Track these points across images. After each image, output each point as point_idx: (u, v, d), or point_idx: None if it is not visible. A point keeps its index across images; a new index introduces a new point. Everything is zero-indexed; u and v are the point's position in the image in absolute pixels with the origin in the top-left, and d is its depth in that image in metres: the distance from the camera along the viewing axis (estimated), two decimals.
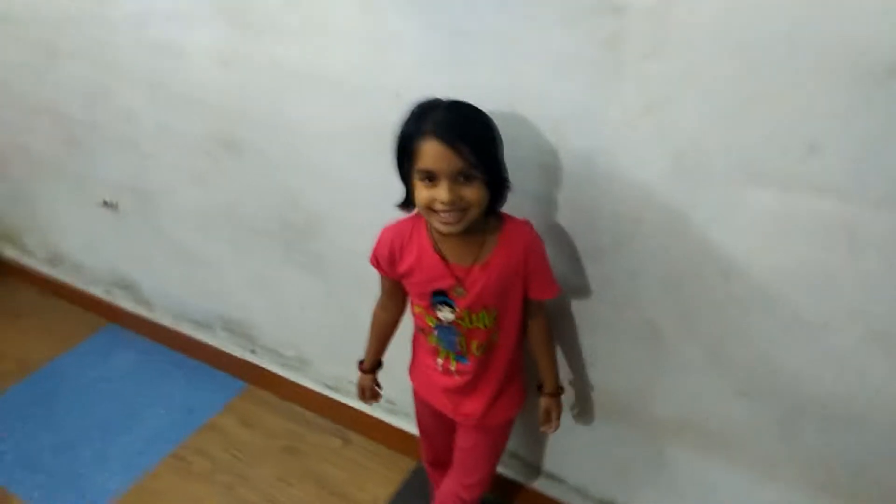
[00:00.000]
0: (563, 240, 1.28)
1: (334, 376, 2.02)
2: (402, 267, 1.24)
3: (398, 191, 1.16)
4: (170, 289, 2.26)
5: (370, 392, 1.53)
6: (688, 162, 1.08)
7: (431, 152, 1.03)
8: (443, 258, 1.19)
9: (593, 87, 1.10)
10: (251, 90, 1.53)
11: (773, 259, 1.09)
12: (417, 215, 1.22)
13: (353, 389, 1.61)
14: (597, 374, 1.44)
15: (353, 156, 1.47)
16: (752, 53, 0.95)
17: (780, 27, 0.91)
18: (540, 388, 1.39)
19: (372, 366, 1.50)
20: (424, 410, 1.49)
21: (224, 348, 2.25)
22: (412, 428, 1.69)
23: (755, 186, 1.04)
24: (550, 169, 1.21)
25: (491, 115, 1.09)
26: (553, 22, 1.07)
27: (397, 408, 1.90)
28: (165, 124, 1.79)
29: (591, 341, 1.40)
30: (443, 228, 1.10)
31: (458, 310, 1.21)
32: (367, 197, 1.50)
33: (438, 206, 1.06)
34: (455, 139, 1.02)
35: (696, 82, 1.01)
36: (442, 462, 1.57)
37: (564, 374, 1.46)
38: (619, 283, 1.27)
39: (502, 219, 1.20)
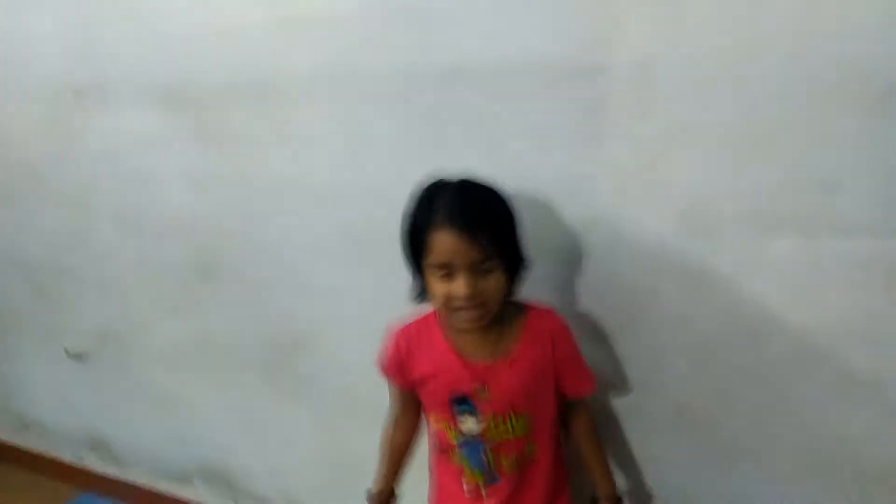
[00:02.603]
0: (573, 324, 1.17)
1: None
2: (416, 373, 1.09)
3: (389, 296, 1.09)
4: (144, 442, 2.06)
5: None
6: (695, 220, 1.01)
7: (446, 244, 0.92)
8: (460, 356, 1.05)
9: (582, 156, 1.05)
10: (225, 210, 1.47)
11: (806, 313, 0.99)
12: (427, 314, 1.10)
13: None
14: (652, 476, 1.25)
15: (338, 264, 1.38)
16: (745, 95, 0.91)
17: (770, 62, 0.88)
18: (594, 501, 1.16)
19: (384, 496, 1.24)
20: None
21: (204, 502, 2.01)
22: None
23: (772, 236, 0.96)
24: (547, 248, 1.13)
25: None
26: (532, 92, 1.04)
27: None
28: (139, 258, 1.70)
29: (636, 437, 1.24)
30: (464, 326, 1.00)
31: (483, 417, 1.05)
32: (355, 306, 1.40)
33: (457, 303, 0.96)
34: (471, 228, 0.91)
35: (690, 135, 0.97)
36: None
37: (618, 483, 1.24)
38: (641, 362, 1.15)
39: (522, 307, 1.08)
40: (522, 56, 1.03)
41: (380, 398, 1.48)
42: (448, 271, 0.95)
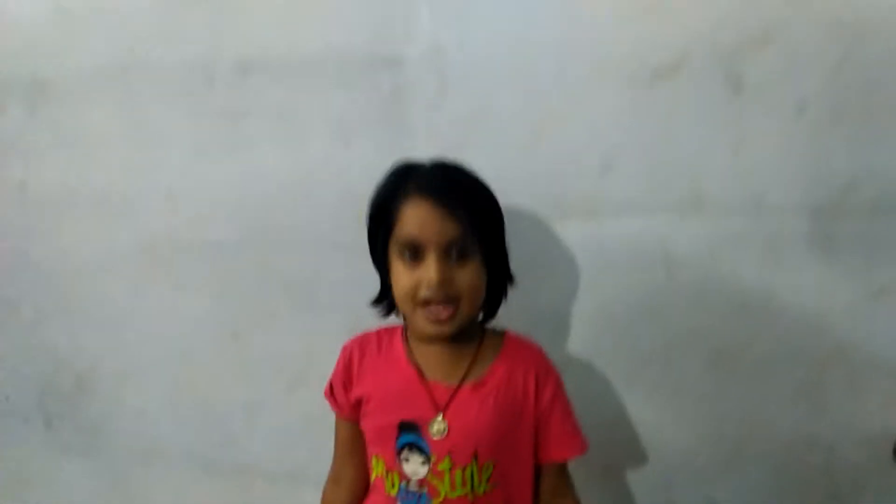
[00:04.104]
0: None
1: None
2: (360, 389, 0.88)
3: (193, 319, 0.96)
4: None
5: None
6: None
7: (416, 215, 0.77)
8: (420, 374, 0.85)
9: (385, 148, 1.03)
10: None
11: (598, 297, 1.03)
12: (393, 326, 0.92)
13: None
14: None
15: (126, 285, 1.24)
16: (528, 84, 0.96)
17: (547, 50, 0.94)
18: None
19: None
20: None
21: None
22: None
23: (564, 220, 1.00)
24: (346, 243, 1.09)
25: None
26: (332, 84, 1.03)
27: None
28: None
29: None
30: (430, 329, 0.80)
31: (434, 458, 0.81)
32: (147, 334, 1.26)
33: (424, 293, 0.78)
34: (448, 197, 0.77)
35: (483, 124, 1.00)
36: None
37: None
38: None
39: (502, 333, 0.91)
40: (320, 48, 1.03)
41: (178, 443, 1.33)
42: (416, 253, 0.79)
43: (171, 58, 1.09)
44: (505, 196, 1.01)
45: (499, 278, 0.87)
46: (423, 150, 1.01)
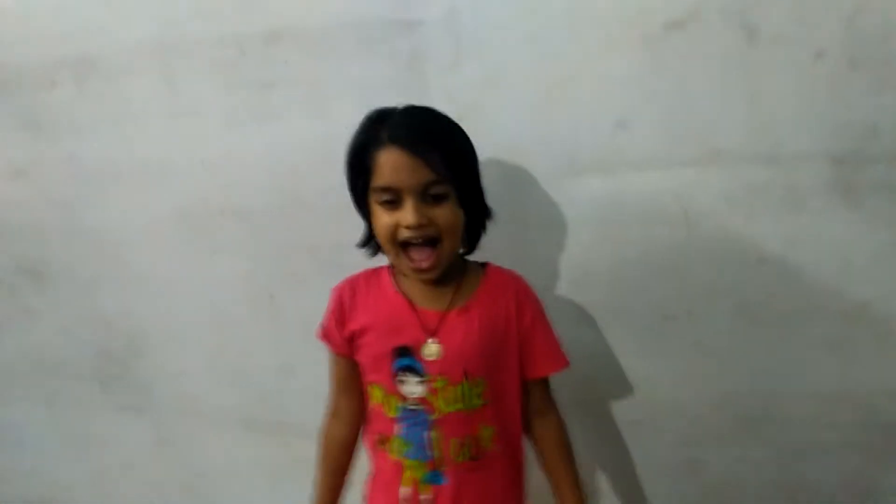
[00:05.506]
0: None
1: None
2: (354, 323, 0.93)
3: (222, 286, 1.02)
4: None
5: None
6: (510, 169, 1.04)
7: (390, 163, 0.81)
8: (409, 303, 0.92)
9: None
10: (50, 201, 1.37)
11: (616, 252, 1.04)
12: (379, 267, 0.98)
13: None
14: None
15: (169, 250, 1.31)
16: (540, 43, 0.97)
17: (559, 4, 0.95)
18: None
19: None
20: None
21: None
22: None
23: (578, 176, 1.01)
24: None
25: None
26: (354, 50, 1.06)
27: None
28: None
29: None
30: (415, 276, 0.87)
31: (429, 378, 0.89)
32: (190, 298, 1.33)
33: (404, 234, 0.83)
34: (419, 143, 0.81)
35: (496, 86, 1.01)
36: None
37: None
38: None
39: (483, 265, 0.97)
40: (342, 14, 1.05)
41: (219, 404, 1.40)
42: (394, 197, 0.83)
43: (206, 32, 1.14)
44: (520, 155, 1.04)
45: (476, 214, 0.92)
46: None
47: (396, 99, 1.05)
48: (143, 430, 1.51)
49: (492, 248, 1.07)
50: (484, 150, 1.03)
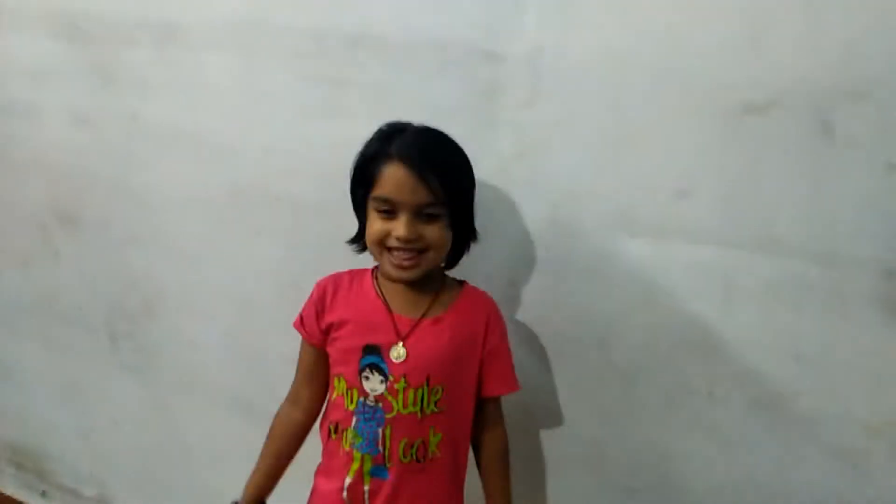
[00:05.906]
0: None
1: None
2: (332, 316, 0.99)
3: (255, 269, 1.03)
4: None
5: None
6: (563, 212, 1.05)
7: (393, 179, 0.88)
8: (386, 306, 0.98)
9: (472, 136, 1.07)
10: (103, 150, 1.40)
11: (651, 317, 1.03)
12: (360, 269, 1.04)
13: None
14: None
15: (208, 224, 1.33)
16: (619, 97, 0.98)
17: (645, 68, 0.96)
18: None
19: (254, 500, 1.06)
20: None
21: (8, 491, 1.78)
22: None
23: (629, 237, 1.01)
24: None
25: None
26: (433, 69, 1.08)
27: None
28: None
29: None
30: (395, 273, 0.92)
31: (392, 378, 0.94)
32: (216, 273, 1.34)
33: (392, 243, 0.90)
34: (423, 166, 0.87)
35: (566, 129, 1.02)
36: None
37: None
38: None
39: (461, 283, 1.03)
40: (427, 32, 1.07)
41: (222, 382, 1.40)
42: (391, 209, 0.90)
43: (291, 21, 1.16)
44: (575, 203, 1.04)
45: (463, 235, 0.98)
46: (504, 146, 1.05)
47: (463, 124, 1.07)
48: (140, 392, 1.51)
49: (528, 289, 1.07)
50: (539, 190, 1.05)
